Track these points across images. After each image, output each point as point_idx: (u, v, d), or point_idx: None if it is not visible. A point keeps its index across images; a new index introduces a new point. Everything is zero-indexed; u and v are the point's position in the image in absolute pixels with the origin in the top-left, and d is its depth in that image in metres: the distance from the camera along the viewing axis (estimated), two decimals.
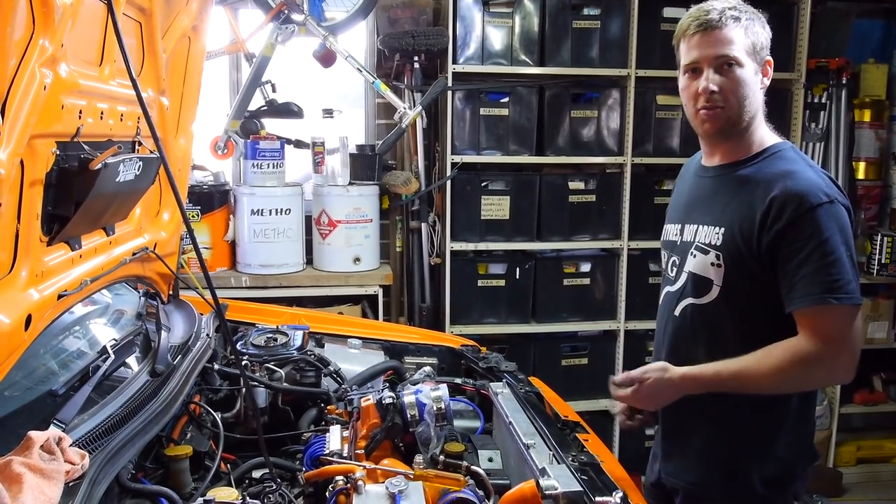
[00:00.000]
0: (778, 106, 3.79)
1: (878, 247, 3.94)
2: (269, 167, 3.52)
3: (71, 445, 1.29)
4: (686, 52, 1.71)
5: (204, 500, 1.33)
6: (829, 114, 3.91)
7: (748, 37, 1.65)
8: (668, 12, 3.61)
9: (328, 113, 3.68)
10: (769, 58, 1.70)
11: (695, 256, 1.75)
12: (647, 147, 3.70)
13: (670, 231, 1.89)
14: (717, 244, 1.70)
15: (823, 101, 3.90)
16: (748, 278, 1.66)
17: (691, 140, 3.69)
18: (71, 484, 1.24)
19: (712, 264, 1.70)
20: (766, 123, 1.75)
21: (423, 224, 3.81)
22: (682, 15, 3.60)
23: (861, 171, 4.14)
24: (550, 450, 1.66)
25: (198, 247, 1.41)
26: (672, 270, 1.85)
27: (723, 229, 1.69)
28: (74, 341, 1.78)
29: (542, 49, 3.58)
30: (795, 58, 3.76)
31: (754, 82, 1.68)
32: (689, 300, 1.76)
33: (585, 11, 3.57)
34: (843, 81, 3.89)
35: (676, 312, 1.80)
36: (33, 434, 1.23)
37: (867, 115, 4.09)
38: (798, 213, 1.57)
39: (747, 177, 1.69)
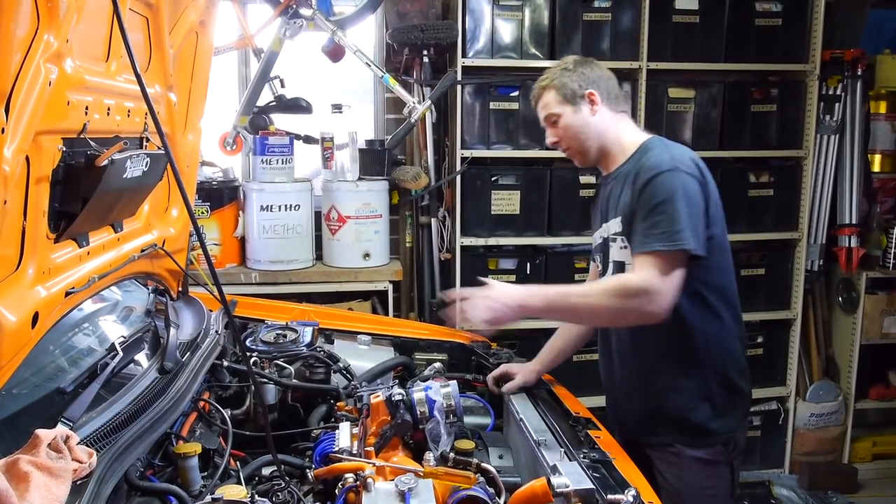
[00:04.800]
0: (792, 98, 3.76)
1: (893, 240, 3.88)
2: (278, 163, 3.52)
3: (79, 443, 1.28)
4: None
5: (212, 498, 1.31)
6: (843, 106, 3.85)
7: (558, 92, 2.01)
8: (680, 4, 3.57)
9: (337, 108, 3.67)
10: (589, 90, 2.00)
11: (611, 247, 2.04)
12: None
13: (597, 237, 2.15)
14: (620, 231, 1.98)
15: (838, 92, 3.84)
16: None
17: (704, 133, 3.70)
18: (78, 482, 1.23)
19: (621, 248, 1.98)
20: (630, 125, 2.07)
21: (432, 219, 3.80)
22: (694, 6, 3.60)
23: (877, 163, 4.08)
24: (562, 447, 1.65)
25: (204, 244, 1.40)
26: (602, 266, 2.12)
27: (620, 217, 1.97)
28: (83, 338, 1.77)
29: (553, 42, 3.55)
30: (810, 49, 3.71)
31: (581, 118, 2.01)
32: None
33: (596, 4, 3.53)
34: (859, 73, 3.83)
35: None
36: (41, 432, 1.22)
37: (883, 107, 4.04)
38: (645, 182, 1.87)
39: (627, 171, 1.98)
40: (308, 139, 3.71)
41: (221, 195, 3.57)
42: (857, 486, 3.99)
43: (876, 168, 4.08)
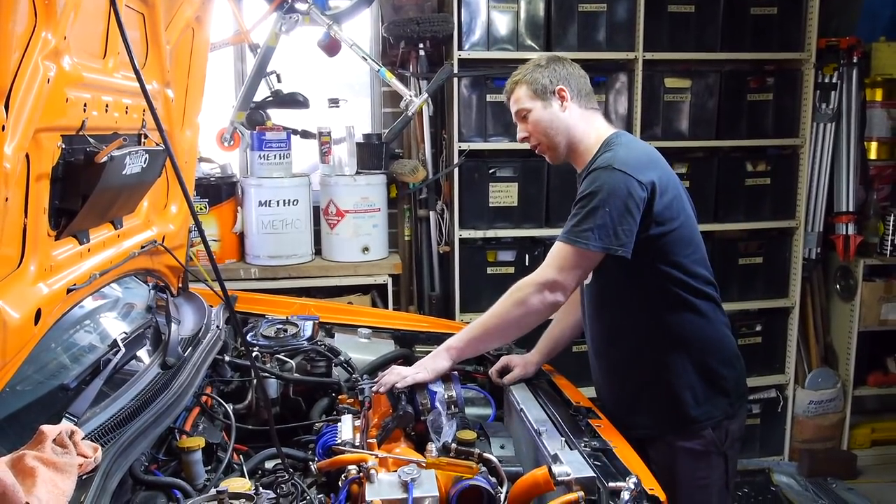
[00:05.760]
0: (788, 87, 3.76)
1: (890, 227, 3.89)
2: (275, 158, 3.52)
3: (83, 439, 1.30)
4: None
5: (217, 491, 1.33)
6: (840, 94, 3.85)
7: (529, 87, 2.04)
8: None
9: (334, 102, 3.67)
10: (559, 86, 2.02)
11: None
12: (655, 130, 3.67)
13: None
14: None
15: (834, 80, 3.84)
16: None
17: (701, 123, 3.70)
18: (84, 477, 1.24)
19: None
20: (600, 122, 2.08)
21: (431, 212, 3.80)
22: None
23: (873, 151, 4.09)
24: (562, 436, 1.66)
25: (206, 239, 1.41)
26: None
27: None
28: (85, 335, 1.78)
29: (549, 33, 3.55)
30: (805, 37, 3.72)
31: (551, 113, 2.03)
32: (584, 282, 2.08)
33: None
34: (854, 60, 3.83)
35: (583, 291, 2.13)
36: (46, 428, 1.23)
37: (879, 95, 4.04)
38: (584, 178, 1.95)
39: (589, 168, 1.99)
40: (305, 134, 3.70)
41: (219, 191, 3.57)
42: (856, 472, 4.01)
43: (872, 155, 4.08)
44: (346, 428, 1.72)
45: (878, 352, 4.20)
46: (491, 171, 3.59)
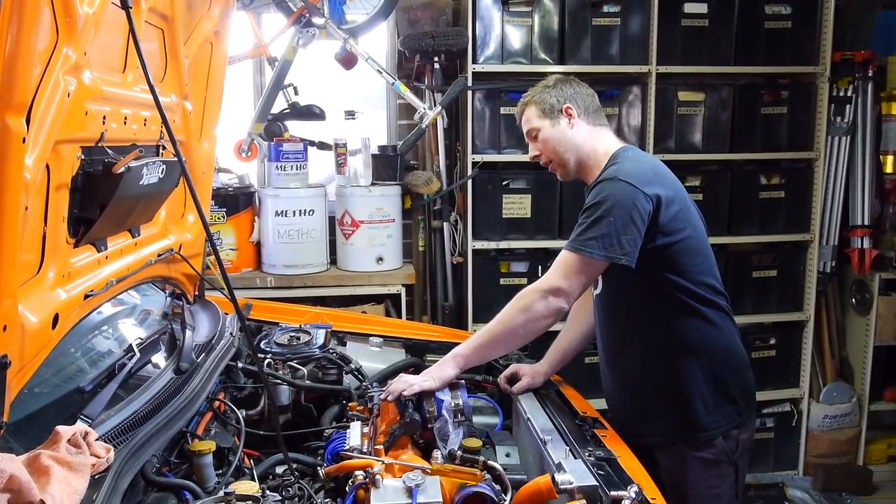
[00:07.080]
0: (802, 100, 3.76)
1: None
2: (292, 169, 3.57)
3: (97, 440, 1.33)
4: None
5: (224, 493, 1.36)
6: (855, 107, 3.85)
7: (538, 107, 2.11)
8: (690, 7, 3.59)
9: (350, 114, 3.73)
10: (566, 105, 2.08)
11: None
12: (669, 143, 3.69)
13: None
14: None
15: (849, 94, 3.84)
16: None
17: (714, 136, 3.71)
18: (96, 476, 1.28)
19: None
20: (608, 138, 2.11)
21: (445, 223, 3.83)
22: (703, 10, 3.60)
23: (889, 164, 4.05)
24: (567, 445, 1.67)
25: (217, 250, 1.45)
26: None
27: None
28: (102, 340, 1.82)
29: (562, 47, 3.58)
30: (820, 51, 3.72)
31: (559, 131, 2.09)
32: (594, 292, 2.13)
33: (605, 9, 3.55)
34: (870, 74, 3.82)
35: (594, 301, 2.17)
36: (61, 428, 1.27)
37: (894, 109, 4.02)
38: (590, 189, 2.00)
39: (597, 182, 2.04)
40: (322, 145, 3.76)
41: (237, 201, 3.63)
42: (872, 488, 3.97)
43: (888, 169, 4.04)
44: (355, 434, 1.74)
45: (894, 366, 4.16)
46: (504, 183, 3.61)
